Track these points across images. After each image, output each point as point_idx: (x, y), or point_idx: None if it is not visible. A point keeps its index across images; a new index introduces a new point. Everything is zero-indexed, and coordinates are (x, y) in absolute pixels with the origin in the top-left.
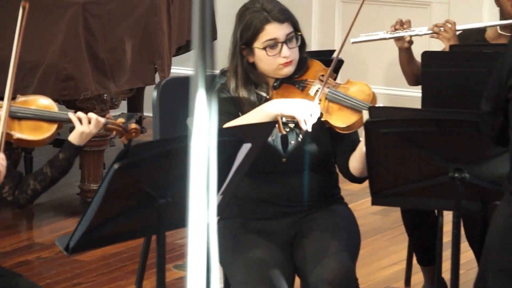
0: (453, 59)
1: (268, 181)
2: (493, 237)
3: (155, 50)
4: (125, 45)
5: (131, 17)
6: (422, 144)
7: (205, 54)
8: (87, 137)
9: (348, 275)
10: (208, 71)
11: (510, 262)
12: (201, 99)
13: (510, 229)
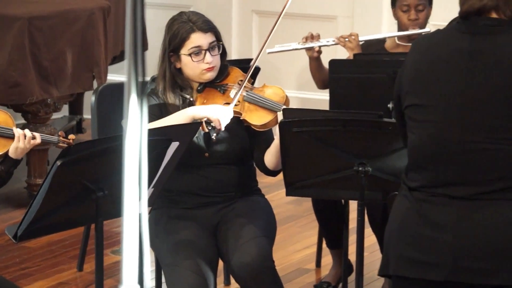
0: (357, 66)
1: (193, 175)
2: (393, 228)
3: (93, 59)
4: (66, 55)
5: (71, 30)
6: (330, 142)
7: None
8: (22, 152)
9: (265, 258)
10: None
11: (407, 250)
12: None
13: (407, 221)
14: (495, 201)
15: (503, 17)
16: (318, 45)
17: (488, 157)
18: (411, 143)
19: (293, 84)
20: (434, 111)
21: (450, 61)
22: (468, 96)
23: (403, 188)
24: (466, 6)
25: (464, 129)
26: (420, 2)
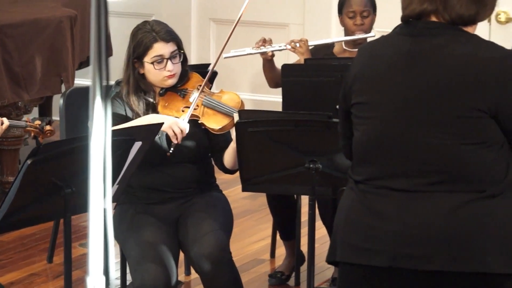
0: (307, 70)
1: (156, 172)
2: (339, 218)
3: (61, 64)
4: (36, 60)
5: (40, 37)
6: (283, 141)
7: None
8: None
9: (222, 249)
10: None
11: (352, 238)
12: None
13: (353, 211)
14: (433, 193)
15: (442, 20)
16: (271, 50)
17: (427, 151)
18: (356, 139)
19: (248, 87)
20: (377, 108)
21: (392, 62)
22: (407, 94)
23: (349, 182)
24: (407, 11)
25: (404, 125)
26: (365, 9)
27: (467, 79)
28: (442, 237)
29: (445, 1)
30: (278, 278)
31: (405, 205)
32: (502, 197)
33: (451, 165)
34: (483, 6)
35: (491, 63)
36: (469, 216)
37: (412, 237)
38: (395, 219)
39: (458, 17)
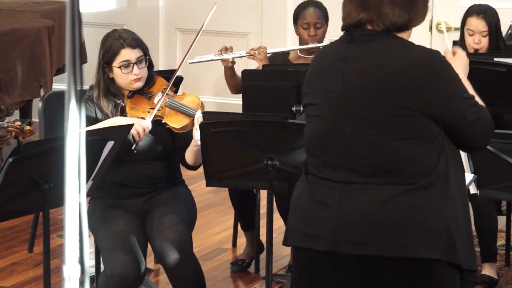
0: (265, 75)
1: (126, 169)
2: (291, 206)
3: (40, 70)
4: (17, 67)
5: (21, 46)
6: (243, 140)
7: (76, 73)
8: None
9: (183, 242)
10: (78, 87)
11: (300, 224)
12: (73, 108)
13: (301, 199)
14: (369, 185)
15: (377, 28)
16: (232, 57)
17: (362, 147)
18: (305, 136)
19: (212, 91)
20: (321, 108)
21: (332, 66)
22: (345, 95)
23: (302, 173)
24: (346, 21)
25: (341, 123)
26: (318, 21)
27: (399, 79)
28: (376, 225)
29: (379, 11)
30: (240, 266)
31: (344, 195)
32: (432, 189)
33: (383, 160)
34: (415, 14)
35: (420, 64)
36: (400, 206)
37: (350, 225)
38: (336, 208)
39: (391, 24)
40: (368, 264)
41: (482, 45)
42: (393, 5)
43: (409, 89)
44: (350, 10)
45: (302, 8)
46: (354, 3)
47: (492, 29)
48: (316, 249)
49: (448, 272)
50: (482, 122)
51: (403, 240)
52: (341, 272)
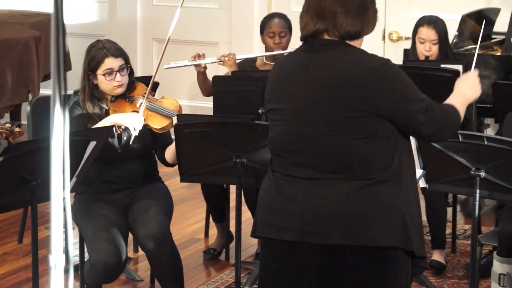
0: (234, 81)
1: (109, 167)
2: (259, 200)
3: (28, 77)
4: (7, 74)
5: (10, 54)
6: (214, 139)
7: (60, 80)
8: None
9: (164, 231)
10: (62, 92)
11: (268, 217)
12: (58, 111)
13: (269, 195)
14: (331, 180)
15: (333, 37)
16: (204, 62)
17: (323, 146)
18: (270, 138)
19: (186, 94)
20: (284, 113)
21: (293, 74)
22: (306, 100)
23: (268, 171)
24: (305, 31)
25: (304, 125)
26: (283, 30)
27: (355, 85)
28: (339, 217)
29: (334, 21)
30: (211, 254)
31: (309, 190)
32: (388, 183)
33: (343, 158)
34: (366, 23)
35: (374, 70)
36: (360, 200)
37: (315, 217)
38: (302, 202)
39: (346, 33)
40: (332, 253)
41: (432, 53)
42: (347, 15)
43: (365, 93)
44: (307, 21)
45: (268, 19)
46: (311, 14)
47: (441, 38)
48: (284, 239)
49: (403, 259)
50: (432, 121)
51: (363, 230)
52: (307, 261)
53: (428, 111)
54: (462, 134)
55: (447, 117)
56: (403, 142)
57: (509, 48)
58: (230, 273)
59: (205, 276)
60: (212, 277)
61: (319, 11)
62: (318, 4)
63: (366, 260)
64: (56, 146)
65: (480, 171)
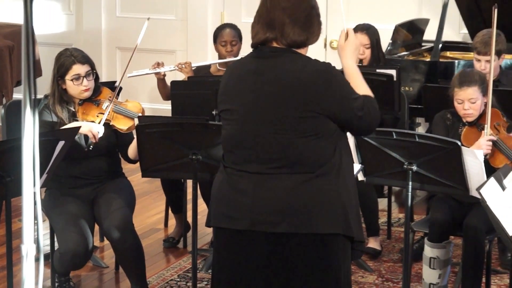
0: (190, 85)
1: (77, 164)
2: (213, 193)
3: (2, 83)
4: None
5: None
6: (172, 138)
7: (30, 85)
8: None
9: (127, 222)
10: (32, 96)
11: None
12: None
13: (222, 188)
14: (279, 174)
15: (281, 45)
16: (163, 70)
17: (271, 144)
18: (223, 136)
19: (147, 98)
20: (236, 113)
21: (244, 78)
22: (255, 101)
23: (220, 167)
24: (255, 39)
25: (254, 124)
26: (234, 39)
27: (301, 88)
28: (286, 208)
29: (282, 31)
30: (170, 242)
31: (258, 183)
32: (330, 176)
33: (289, 154)
34: (311, 34)
35: (318, 74)
36: (305, 192)
37: (264, 208)
38: (251, 194)
39: (292, 42)
40: (280, 240)
41: (366, 56)
42: (294, 26)
43: (310, 95)
44: (258, 30)
45: (220, 29)
46: (262, 24)
47: (373, 43)
48: (235, 228)
49: (344, 244)
50: (368, 114)
51: (308, 218)
52: (257, 248)
53: (364, 107)
54: (396, 132)
55: (375, 105)
56: (343, 139)
57: (437, 55)
58: (188, 260)
59: (165, 263)
60: (171, 264)
61: (269, 22)
62: (268, 15)
63: (310, 246)
64: (27, 145)
65: (412, 165)
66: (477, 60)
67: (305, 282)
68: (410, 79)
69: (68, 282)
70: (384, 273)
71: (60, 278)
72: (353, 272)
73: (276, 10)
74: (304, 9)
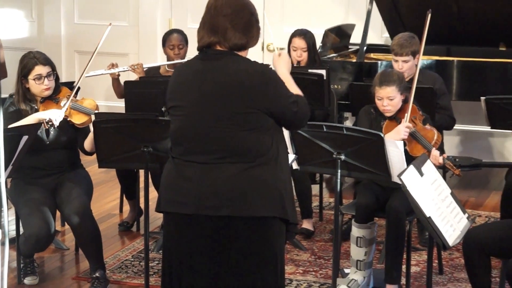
0: (142, 85)
1: (39, 156)
2: (162, 181)
3: None
4: None
5: None
6: (126, 133)
7: None
8: None
9: (85, 208)
10: None
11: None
12: None
13: (170, 177)
14: (222, 164)
15: (224, 48)
16: (117, 71)
17: (215, 137)
18: (171, 130)
19: (103, 96)
20: (183, 109)
21: (191, 78)
22: (200, 99)
23: (169, 157)
24: (201, 43)
25: (201, 119)
26: (181, 43)
27: (242, 86)
28: (228, 193)
29: (225, 35)
30: (125, 226)
31: (203, 172)
32: (268, 165)
33: (233, 145)
34: (251, 38)
35: (256, 75)
36: (245, 179)
37: (208, 194)
38: (197, 182)
39: (234, 45)
40: (223, 223)
41: (303, 58)
42: (235, 31)
43: (251, 93)
44: (203, 34)
45: (168, 34)
46: (206, 29)
47: (310, 47)
48: (183, 213)
49: (280, 226)
50: (301, 110)
51: (249, 203)
52: (203, 231)
53: (297, 103)
54: (326, 125)
55: (306, 102)
56: (279, 132)
57: (362, 56)
58: (140, 242)
59: (120, 245)
60: (125, 245)
61: (213, 27)
62: (212, 21)
63: (250, 228)
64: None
65: (340, 155)
66: (395, 60)
67: (246, 260)
68: (339, 78)
69: (32, 263)
70: (317, 251)
71: (25, 259)
72: (289, 251)
73: (219, 17)
74: (244, 16)
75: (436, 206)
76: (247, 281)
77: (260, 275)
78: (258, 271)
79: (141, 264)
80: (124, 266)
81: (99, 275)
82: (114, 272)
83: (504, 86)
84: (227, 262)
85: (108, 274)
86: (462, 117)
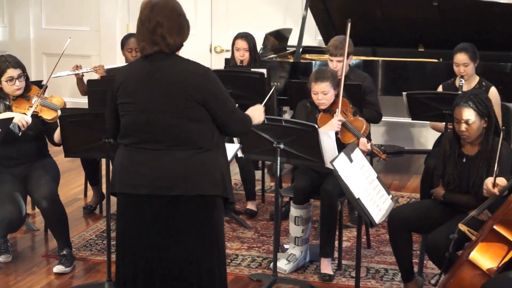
0: (103, 83)
1: (11, 147)
2: (115, 166)
3: None
4: None
5: None
6: (89, 125)
7: None
8: None
9: (53, 193)
10: None
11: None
12: None
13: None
14: (172, 150)
15: (167, 51)
16: (81, 72)
17: (166, 128)
18: (122, 123)
19: (68, 93)
20: (133, 105)
21: (139, 76)
22: (151, 95)
23: (121, 145)
24: (144, 53)
25: (151, 113)
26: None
27: (185, 84)
28: (179, 175)
29: (165, 43)
30: (89, 209)
31: (156, 158)
32: (211, 151)
33: (180, 135)
34: (185, 35)
35: (198, 74)
36: (193, 163)
37: (161, 176)
38: (150, 166)
39: (174, 48)
40: (174, 202)
41: (245, 58)
42: (172, 36)
43: (194, 90)
44: (144, 45)
45: (126, 38)
46: (146, 42)
47: (251, 48)
48: (138, 193)
49: (220, 203)
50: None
51: (196, 183)
52: (155, 209)
53: (236, 111)
54: (267, 118)
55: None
56: None
57: (298, 57)
58: (103, 223)
59: (85, 225)
60: (90, 226)
61: (153, 40)
62: (150, 35)
63: (197, 205)
64: None
65: (280, 144)
66: (330, 60)
67: (193, 233)
68: (278, 76)
69: (6, 243)
70: (260, 229)
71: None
72: (235, 229)
73: (156, 29)
74: (176, 19)
75: (364, 188)
76: (194, 250)
77: (204, 244)
78: (203, 242)
79: (104, 242)
80: (88, 244)
81: (66, 253)
82: (80, 250)
83: (423, 83)
84: (177, 236)
85: (74, 252)
86: (387, 110)
